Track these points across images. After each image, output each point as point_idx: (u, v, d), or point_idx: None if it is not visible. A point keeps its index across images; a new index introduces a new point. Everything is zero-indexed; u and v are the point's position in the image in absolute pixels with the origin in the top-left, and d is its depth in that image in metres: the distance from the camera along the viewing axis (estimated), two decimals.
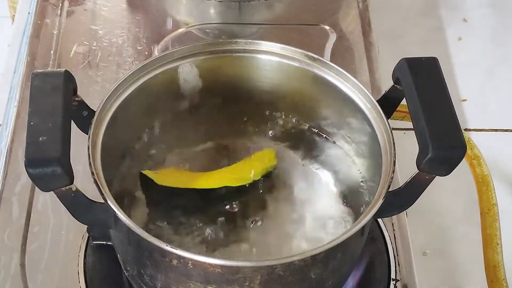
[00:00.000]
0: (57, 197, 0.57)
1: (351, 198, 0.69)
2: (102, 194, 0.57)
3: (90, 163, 0.59)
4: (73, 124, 0.61)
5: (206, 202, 0.68)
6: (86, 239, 0.74)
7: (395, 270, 0.74)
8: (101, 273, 0.73)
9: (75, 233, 0.75)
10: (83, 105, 0.64)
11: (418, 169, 0.59)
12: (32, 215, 0.77)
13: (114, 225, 0.60)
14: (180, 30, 0.99)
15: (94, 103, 0.65)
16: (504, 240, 0.84)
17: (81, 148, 0.62)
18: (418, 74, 0.62)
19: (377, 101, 0.65)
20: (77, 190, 0.57)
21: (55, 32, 0.97)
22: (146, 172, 0.68)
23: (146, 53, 0.95)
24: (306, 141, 0.73)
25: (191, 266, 0.56)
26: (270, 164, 0.71)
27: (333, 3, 1.05)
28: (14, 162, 0.81)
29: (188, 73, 0.70)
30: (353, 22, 1.02)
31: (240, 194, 0.69)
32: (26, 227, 0.76)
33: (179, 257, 0.56)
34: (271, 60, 0.70)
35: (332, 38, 0.98)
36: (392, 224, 0.78)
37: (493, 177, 0.88)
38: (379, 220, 0.77)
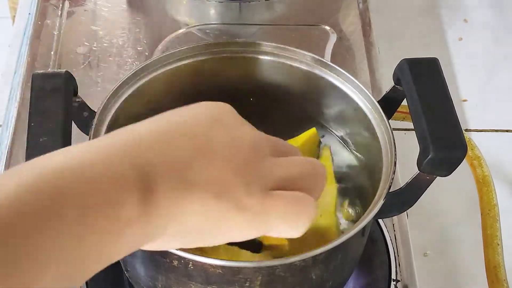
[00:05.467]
0: None
1: (351, 198, 0.69)
2: None
3: None
4: (73, 125, 0.61)
5: None
6: None
7: (396, 270, 0.74)
8: (101, 273, 0.72)
9: None
10: (83, 105, 0.64)
11: (418, 170, 0.59)
12: None
13: None
14: (181, 30, 0.99)
15: (94, 104, 0.65)
16: (505, 240, 0.84)
17: None
18: (419, 74, 0.62)
19: (378, 101, 0.65)
20: None
21: (55, 33, 0.97)
22: None
23: (147, 53, 0.95)
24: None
25: (191, 267, 0.56)
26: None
27: (334, 4, 1.05)
28: (14, 163, 0.81)
29: (189, 74, 0.69)
30: (354, 23, 1.02)
31: None
32: None
33: (180, 258, 0.56)
34: (271, 60, 0.70)
35: (333, 38, 0.98)
36: (393, 224, 0.78)
37: (493, 178, 0.88)
38: (380, 220, 0.77)
